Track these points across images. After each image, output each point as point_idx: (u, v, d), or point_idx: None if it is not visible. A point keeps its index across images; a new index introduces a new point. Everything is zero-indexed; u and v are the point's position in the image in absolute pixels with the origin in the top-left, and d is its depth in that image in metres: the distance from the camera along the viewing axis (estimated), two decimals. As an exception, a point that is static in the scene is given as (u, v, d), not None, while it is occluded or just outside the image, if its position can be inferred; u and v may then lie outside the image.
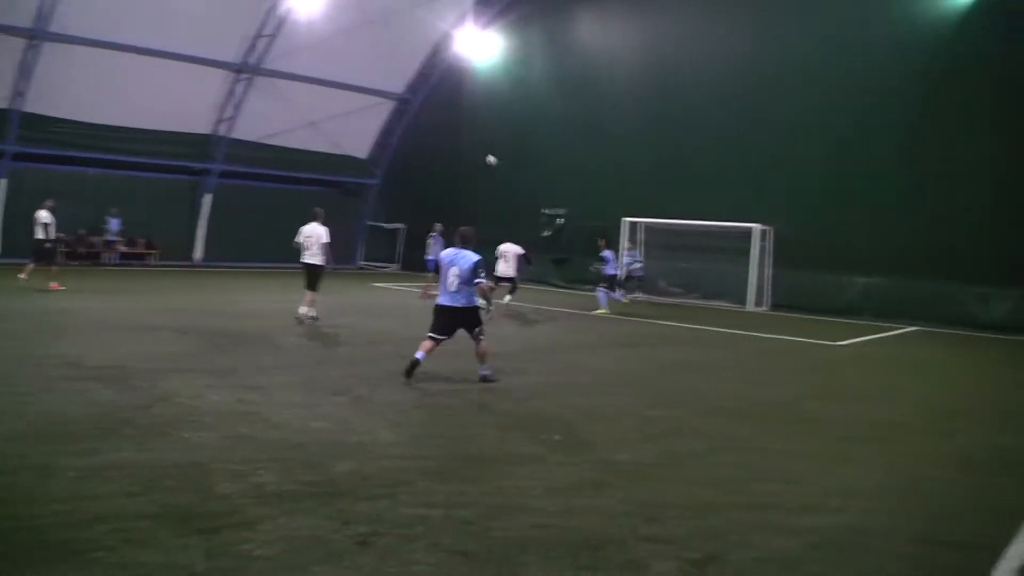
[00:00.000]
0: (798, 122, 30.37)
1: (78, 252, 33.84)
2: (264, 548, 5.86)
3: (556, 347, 17.62)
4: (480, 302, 13.60)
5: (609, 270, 27.03)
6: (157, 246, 36.77)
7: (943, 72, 27.25)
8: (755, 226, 30.13)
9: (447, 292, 13.02)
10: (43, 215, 22.92)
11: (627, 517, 7.04)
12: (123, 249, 35.77)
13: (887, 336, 24.30)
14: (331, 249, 19.77)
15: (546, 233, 37.38)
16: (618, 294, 27.80)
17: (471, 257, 13.03)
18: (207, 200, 38.26)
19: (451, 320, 13.04)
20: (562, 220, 37.18)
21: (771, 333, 22.99)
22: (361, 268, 43.25)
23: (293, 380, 12.12)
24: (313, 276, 19.42)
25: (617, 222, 33.03)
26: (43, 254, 23.14)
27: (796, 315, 28.84)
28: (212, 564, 5.54)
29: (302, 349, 15.14)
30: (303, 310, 19.19)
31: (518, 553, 6.10)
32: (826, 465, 9.24)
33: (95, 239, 35.09)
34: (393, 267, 43.70)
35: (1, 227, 32.37)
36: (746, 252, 30.35)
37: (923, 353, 20.99)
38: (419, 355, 12.67)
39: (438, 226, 29.63)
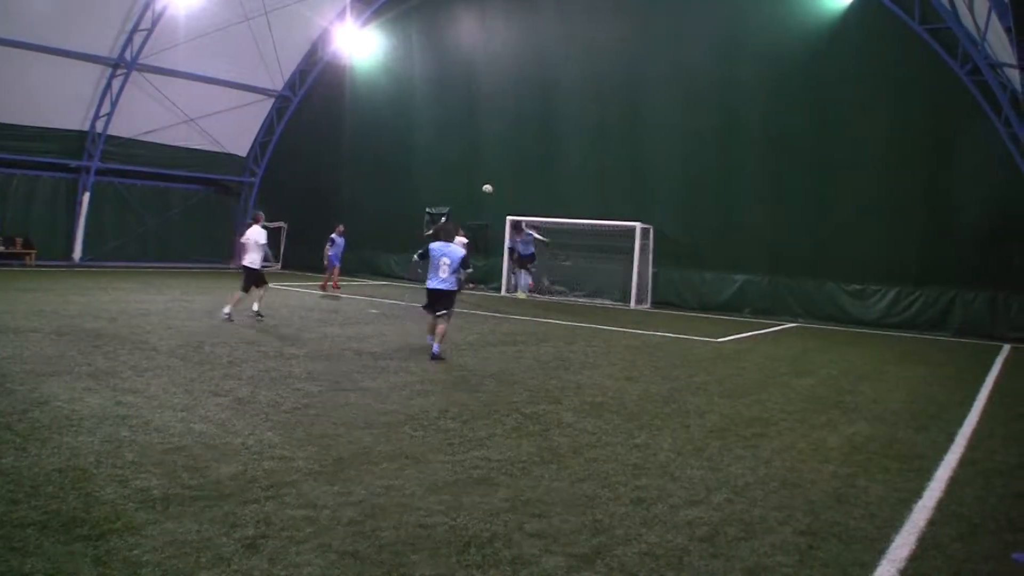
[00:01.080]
0: (678, 122, 30.88)
1: None
2: (151, 554, 5.81)
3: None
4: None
5: (526, 250, 27.53)
6: (35, 246, 35.83)
7: (818, 72, 27.97)
8: (636, 224, 30.47)
9: (437, 277, 16.17)
10: None
11: (512, 513, 7.14)
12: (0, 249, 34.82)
13: (765, 332, 24.81)
14: (243, 249, 20.97)
15: (429, 232, 37.36)
16: (523, 282, 28.12)
17: (459, 251, 16.33)
18: (85, 199, 37.34)
19: (437, 298, 16.20)
20: (445, 219, 37.17)
21: (651, 330, 23.33)
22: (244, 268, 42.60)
23: (173, 382, 11.96)
24: (251, 277, 20.51)
25: (501, 220, 33.20)
26: None
27: (677, 312, 29.32)
28: (99, 571, 5.49)
29: (181, 351, 14.91)
30: (256, 307, 20.57)
31: (407, 552, 6.15)
32: (707, 459, 9.42)
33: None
34: (275, 266, 43.17)
35: None
36: (628, 251, 30.68)
37: (801, 349, 21.39)
38: (430, 338, 16.16)
39: (340, 227, 29.28)
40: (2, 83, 32.51)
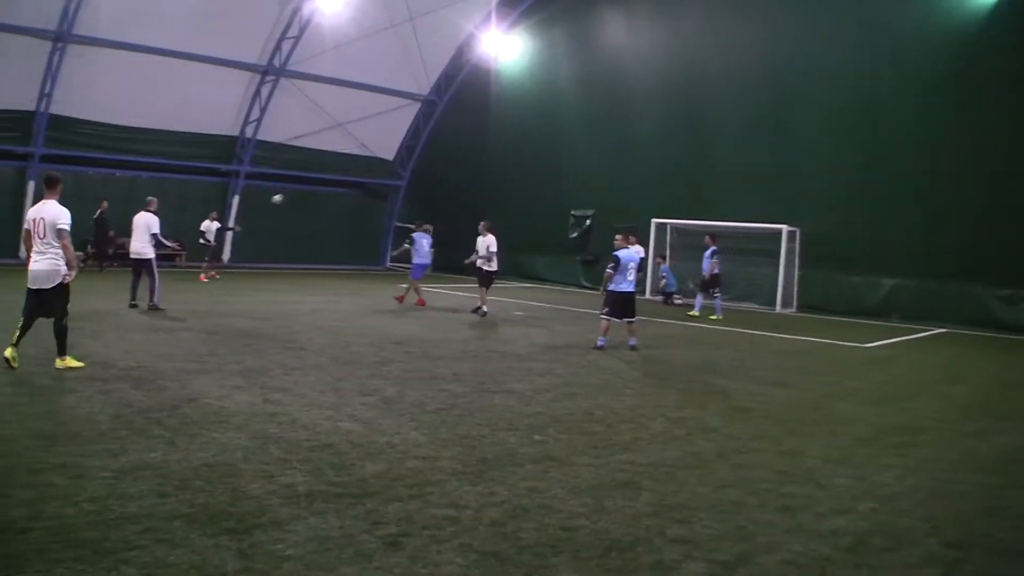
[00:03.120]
0: (824, 123, 30.21)
1: (108, 253, 33.95)
2: (295, 548, 5.89)
3: (580, 348, 17.56)
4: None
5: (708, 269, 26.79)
6: (186, 247, 36.73)
7: (967, 72, 27.01)
8: (783, 227, 29.96)
9: (627, 280, 17.18)
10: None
11: (655, 518, 7.05)
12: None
13: (914, 338, 24.11)
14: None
15: (574, 235, 37.38)
16: (699, 300, 27.49)
17: (636, 255, 17.67)
18: (235, 202, 38.32)
19: (630, 300, 17.33)
20: (590, 222, 37.12)
21: (798, 334, 22.88)
22: (389, 269, 43.19)
23: (321, 380, 12.16)
24: (484, 277, 23.53)
25: (645, 223, 32.96)
26: None
27: (824, 317, 28.66)
28: (244, 564, 5.58)
29: (329, 350, 15.12)
30: (484, 308, 23.20)
31: (548, 554, 6.11)
32: (854, 467, 9.18)
33: (124, 240, 34.97)
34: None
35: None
36: (774, 254, 30.17)
37: (950, 355, 20.81)
38: (602, 340, 17.31)
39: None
40: (156, 90, 33.46)
